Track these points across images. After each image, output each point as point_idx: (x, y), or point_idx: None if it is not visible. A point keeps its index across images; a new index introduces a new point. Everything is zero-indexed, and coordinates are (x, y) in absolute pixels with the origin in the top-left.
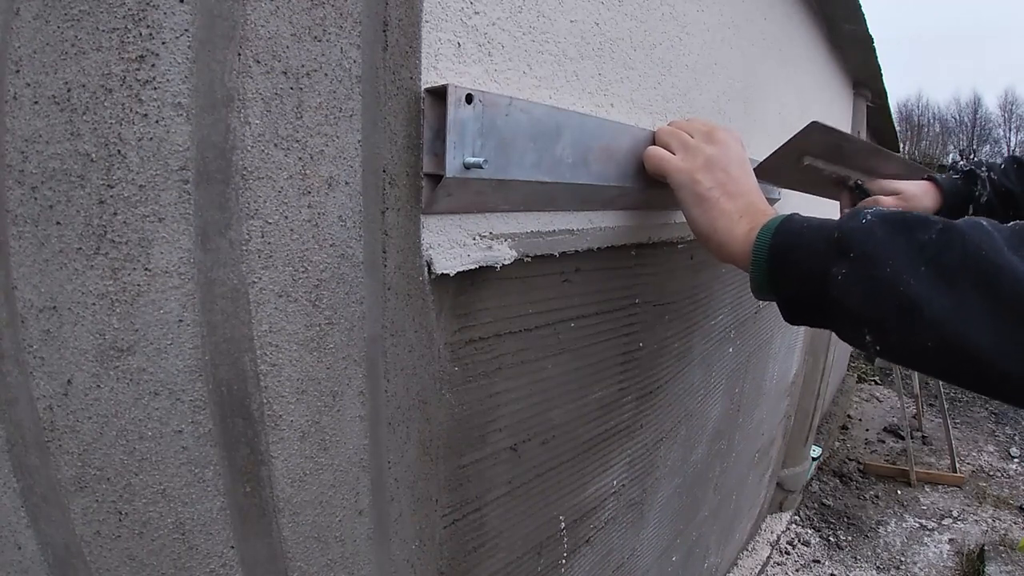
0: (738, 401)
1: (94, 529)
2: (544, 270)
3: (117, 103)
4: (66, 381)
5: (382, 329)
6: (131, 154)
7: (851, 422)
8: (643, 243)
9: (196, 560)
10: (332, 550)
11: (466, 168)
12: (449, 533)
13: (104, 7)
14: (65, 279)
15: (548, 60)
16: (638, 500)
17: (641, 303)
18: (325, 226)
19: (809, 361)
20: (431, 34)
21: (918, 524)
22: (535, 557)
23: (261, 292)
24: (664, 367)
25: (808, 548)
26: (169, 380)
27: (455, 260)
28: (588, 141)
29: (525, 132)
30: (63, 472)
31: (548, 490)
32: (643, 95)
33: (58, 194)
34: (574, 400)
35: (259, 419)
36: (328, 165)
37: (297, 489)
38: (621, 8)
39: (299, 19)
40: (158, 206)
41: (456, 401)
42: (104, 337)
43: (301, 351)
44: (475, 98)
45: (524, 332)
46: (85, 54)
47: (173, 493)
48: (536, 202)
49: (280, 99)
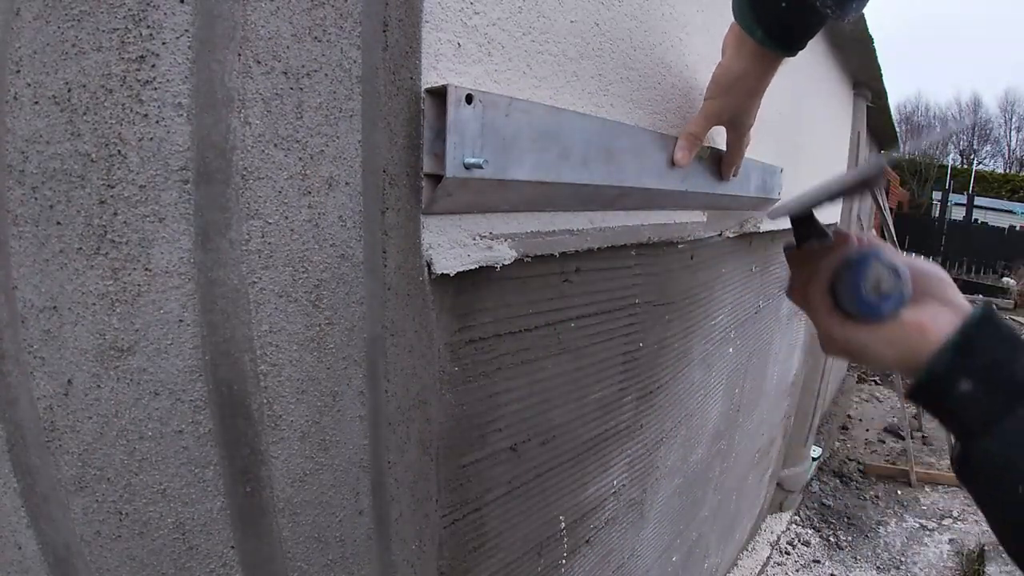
0: (738, 401)
1: (94, 529)
2: (544, 270)
3: (117, 103)
4: (66, 381)
5: (382, 329)
6: (131, 154)
7: (851, 422)
8: (643, 243)
9: (196, 560)
10: (332, 550)
11: (466, 168)
12: (449, 533)
13: (104, 7)
14: (65, 279)
15: (548, 60)
16: (638, 500)
17: (641, 303)
18: (325, 226)
19: (809, 361)
20: (431, 34)
21: (918, 524)
22: (535, 557)
23: (261, 292)
24: (664, 367)
25: (808, 548)
26: (169, 380)
27: (455, 260)
28: (588, 141)
29: (525, 132)
30: (63, 472)
31: (548, 490)
32: (643, 95)
33: (58, 194)
34: (574, 400)
35: (259, 419)
36: (328, 165)
37: (297, 489)
38: (621, 8)
39: (299, 19)
40: (158, 206)
41: (456, 401)
42: (104, 337)
43: (301, 351)
44: (475, 98)
45: (524, 332)
46: (85, 54)
47: (173, 493)
48: (536, 202)
49: (280, 99)
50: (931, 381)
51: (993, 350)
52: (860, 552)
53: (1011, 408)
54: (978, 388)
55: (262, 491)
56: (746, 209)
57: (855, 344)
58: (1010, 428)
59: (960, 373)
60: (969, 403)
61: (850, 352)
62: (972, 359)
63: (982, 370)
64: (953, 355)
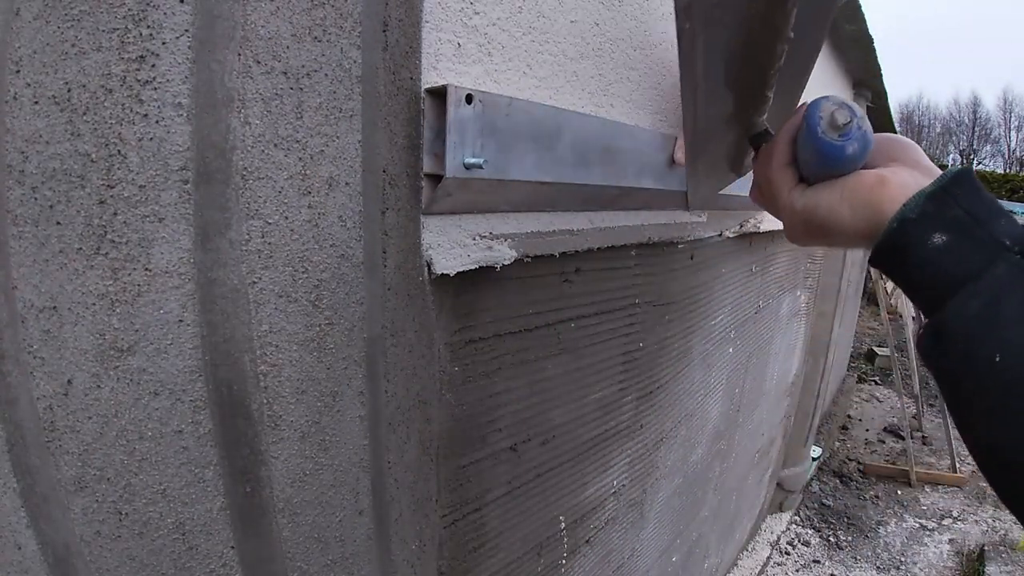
0: (738, 401)
1: (94, 529)
2: (544, 270)
3: (117, 103)
4: (66, 381)
5: (382, 329)
6: (131, 154)
7: (851, 422)
8: (643, 243)
9: (196, 560)
10: (332, 550)
11: (466, 168)
12: (449, 533)
13: (104, 7)
14: (65, 279)
15: (548, 60)
16: (638, 500)
17: (641, 303)
18: (325, 226)
19: (809, 361)
20: (431, 34)
21: (918, 524)
22: (535, 557)
23: (261, 292)
24: (664, 367)
25: (808, 548)
26: (169, 380)
27: (455, 260)
28: (588, 141)
29: (525, 132)
30: (63, 472)
31: (548, 490)
32: (643, 95)
33: (58, 194)
34: (574, 400)
35: (259, 419)
36: (328, 165)
37: (297, 489)
38: (621, 8)
39: (299, 19)
40: (158, 206)
41: (456, 401)
42: (104, 337)
43: (301, 351)
44: (475, 98)
45: (524, 332)
46: (85, 54)
47: (173, 493)
48: (536, 202)
49: (280, 99)
50: (899, 234)
51: (971, 203)
52: (860, 552)
53: (992, 262)
54: (952, 240)
55: (262, 491)
56: (746, 209)
57: (818, 212)
58: (989, 286)
59: (933, 225)
60: (943, 257)
61: (813, 223)
62: (947, 210)
63: (958, 222)
64: (926, 202)
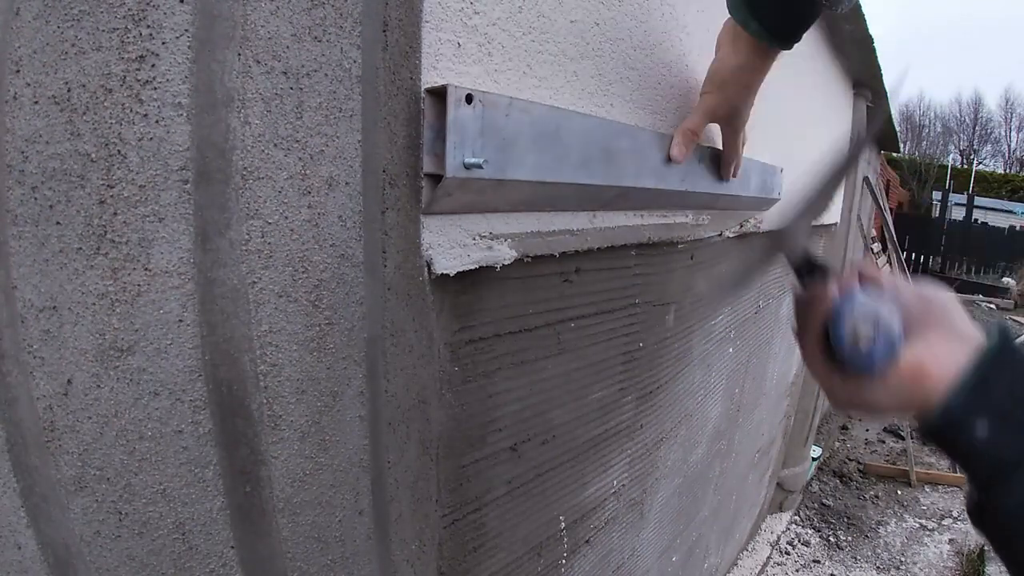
0: (738, 401)
1: (94, 529)
2: (544, 270)
3: (117, 103)
4: (66, 381)
5: (382, 329)
6: (131, 154)
7: (851, 422)
8: (643, 243)
9: (196, 560)
10: (332, 550)
11: (466, 168)
12: (449, 533)
13: (104, 7)
14: (65, 279)
15: (548, 60)
16: (638, 500)
17: (641, 303)
18: (325, 226)
19: None
20: (431, 34)
21: (918, 524)
22: (535, 557)
23: (261, 292)
24: (664, 367)
25: (808, 548)
26: (169, 380)
27: (455, 260)
28: (588, 141)
29: (525, 132)
30: (63, 472)
31: (548, 490)
32: (643, 95)
33: (58, 194)
34: (574, 400)
35: (259, 419)
36: (328, 165)
37: (297, 489)
38: (621, 8)
39: (299, 19)
40: (158, 206)
41: (456, 401)
42: (104, 337)
43: (301, 351)
44: (475, 98)
45: (524, 332)
46: (85, 54)
47: (173, 493)
48: (536, 202)
49: (280, 99)
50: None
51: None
52: (860, 552)
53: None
54: (995, 429)
55: (262, 491)
56: (746, 209)
57: (859, 400)
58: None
59: (975, 415)
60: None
61: (857, 408)
62: (988, 400)
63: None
64: (967, 396)
